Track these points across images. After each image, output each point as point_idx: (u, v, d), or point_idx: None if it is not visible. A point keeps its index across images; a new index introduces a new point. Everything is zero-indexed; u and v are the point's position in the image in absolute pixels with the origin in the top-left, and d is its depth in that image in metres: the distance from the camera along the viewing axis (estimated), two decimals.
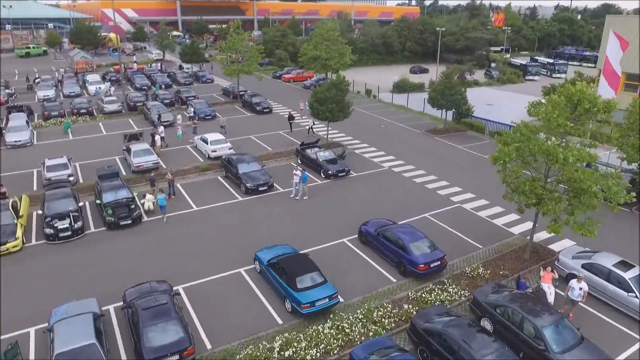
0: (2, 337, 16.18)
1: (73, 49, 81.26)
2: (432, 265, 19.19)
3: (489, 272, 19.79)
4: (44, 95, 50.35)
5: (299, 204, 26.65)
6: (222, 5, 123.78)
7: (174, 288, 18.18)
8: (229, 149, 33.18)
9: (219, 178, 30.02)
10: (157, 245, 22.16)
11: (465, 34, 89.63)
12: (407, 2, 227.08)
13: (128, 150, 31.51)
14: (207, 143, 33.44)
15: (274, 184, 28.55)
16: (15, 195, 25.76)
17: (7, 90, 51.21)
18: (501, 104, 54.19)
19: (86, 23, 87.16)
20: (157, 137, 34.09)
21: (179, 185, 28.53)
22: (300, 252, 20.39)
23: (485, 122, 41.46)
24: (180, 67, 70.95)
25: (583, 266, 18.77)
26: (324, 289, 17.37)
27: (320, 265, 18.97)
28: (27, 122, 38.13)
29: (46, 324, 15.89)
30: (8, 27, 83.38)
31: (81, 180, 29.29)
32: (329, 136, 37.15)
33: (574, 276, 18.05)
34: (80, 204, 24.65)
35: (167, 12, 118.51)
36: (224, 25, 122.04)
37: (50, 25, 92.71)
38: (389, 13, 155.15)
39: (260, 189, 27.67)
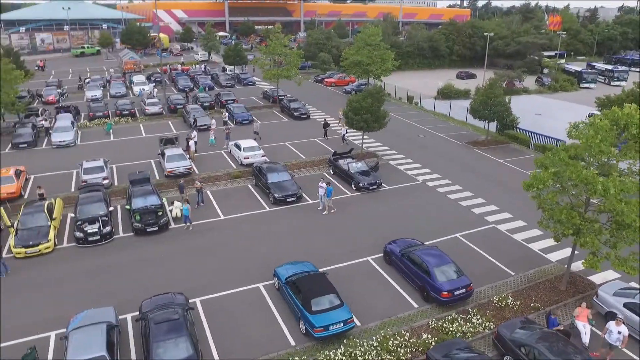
0: (24, 340, 16.63)
1: (123, 49, 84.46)
2: (456, 293, 18.17)
3: (519, 303, 18.54)
4: (92, 95, 52.37)
5: (325, 217, 26.12)
6: (269, 6, 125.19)
7: (191, 301, 18.17)
8: (262, 156, 33.15)
9: (249, 186, 29.98)
10: (180, 254, 22.30)
11: (516, 37, 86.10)
12: (458, 3, 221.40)
13: (162, 154, 32.07)
14: (240, 149, 33.56)
15: (303, 195, 28.20)
16: (52, 197, 26.71)
17: (58, 90, 53.69)
18: (551, 114, 51.44)
19: (137, 24, 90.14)
20: (191, 142, 34.52)
21: (208, 192, 28.72)
22: (321, 270, 19.91)
23: (531, 134, 39.33)
24: (224, 69, 72.03)
25: (625, 305, 17.13)
26: (339, 312, 16.79)
27: (340, 284, 18.42)
28: (72, 123, 39.64)
29: (65, 330, 16.21)
30: (66, 27, 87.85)
31: (116, 183, 30.08)
32: (364, 145, 36.45)
33: (613, 316, 16.54)
34: (111, 208, 25.15)
35: (215, 13, 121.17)
36: (269, 27, 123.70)
37: (104, 25, 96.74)
38: (438, 15, 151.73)
39: (289, 199, 27.39)
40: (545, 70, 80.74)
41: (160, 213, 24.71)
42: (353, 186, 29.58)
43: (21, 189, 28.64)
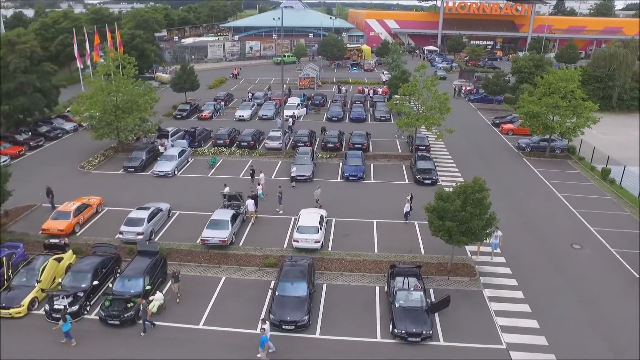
0: None
1: (313, 60, 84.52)
2: None
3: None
4: (239, 116, 52.63)
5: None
6: (492, 18, 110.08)
7: None
8: (315, 242, 26.20)
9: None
10: None
11: None
12: None
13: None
14: (295, 226, 27.30)
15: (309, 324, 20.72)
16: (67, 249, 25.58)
17: (222, 106, 55.51)
18: None
19: (336, 36, 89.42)
20: (250, 202, 29.88)
21: (221, 280, 23.68)
22: None
23: None
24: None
25: None
26: None
27: None
28: (182, 151, 39.35)
29: None
30: (274, 36, 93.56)
31: (156, 239, 27.70)
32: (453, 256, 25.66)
33: None
34: (95, 282, 22.55)
35: (428, 25, 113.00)
36: (484, 43, 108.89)
37: (311, 34, 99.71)
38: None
39: (284, 326, 20.37)
40: None
41: (130, 305, 21.05)
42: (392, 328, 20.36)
43: (74, 226, 28.75)
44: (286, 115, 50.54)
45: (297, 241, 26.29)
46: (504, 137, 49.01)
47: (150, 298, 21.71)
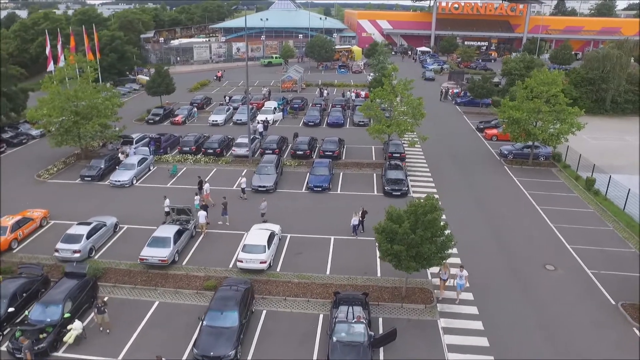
0: None
1: (301, 61, 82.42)
2: None
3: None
4: (213, 120, 50.65)
5: None
6: (487, 19, 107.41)
7: None
8: (261, 262, 24.11)
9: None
10: None
11: None
12: None
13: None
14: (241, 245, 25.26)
15: None
16: None
17: (194, 111, 53.66)
18: None
19: (321, 35, 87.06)
20: (202, 213, 27.92)
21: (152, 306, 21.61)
22: None
23: None
24: None
25: None
26: None
27: None
28: (142, 160, 37.34)
29: None
30: (262, 37, 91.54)
31: (96, 257, 25.75)
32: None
33: None
34: (11, 309, 20.53)
35: (422, 25, 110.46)
36: (478, 44, 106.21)
37: (300, 35, 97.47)
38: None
39: None
40: None
41: (43, 336, 19.04)
42: None
43: (10, 242, 26.76)
44: (259, 120, 48.56)
45: (242, 261, 24.19)
46: (487, 143, 46.68)
47: (69, 327, 19.71)
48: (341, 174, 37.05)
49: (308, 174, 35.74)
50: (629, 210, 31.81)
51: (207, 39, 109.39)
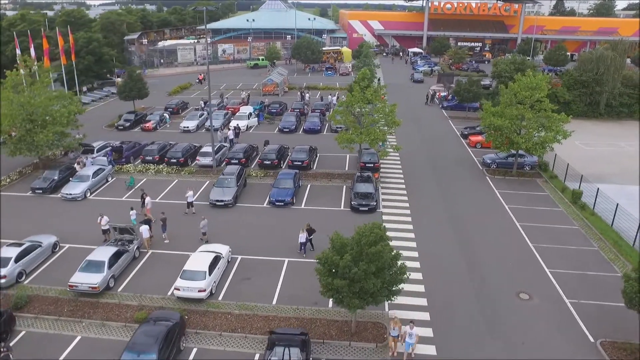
0: None
1: (289, 63, 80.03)
2: None
3: None
4: (184, 127, 48.40)
5: None
6: (481, 19, 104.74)
7: None
8: (200, 291, 21.65)
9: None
10: None
11: None
12: None
13: None
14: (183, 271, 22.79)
15: None
16: None
17: (165, 117, 51.37)
18: None
19: (308, 36, 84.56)
20: (144, 227, 25.65)
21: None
22: None
23: None
24: None
25: None
26: None
27: None
28: (98, 171, 35.02)
29: None
30: (249, 38, 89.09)
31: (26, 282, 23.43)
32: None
33: None
34: None
35: (414, 26, 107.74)
36: (472, 45, 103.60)
37: (289, 36, 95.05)
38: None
39: None
40: None
41: None
42: None
43: None
44: (230, 127, 46.14)
45: (179, 289, 21.78)
46: (470, 150, 44.15)
47: None
48: (309, 186, 34.63)
49: (271, 186, 33.34)
50: (617, 226, 29.30)
51: (197, 40, 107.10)
